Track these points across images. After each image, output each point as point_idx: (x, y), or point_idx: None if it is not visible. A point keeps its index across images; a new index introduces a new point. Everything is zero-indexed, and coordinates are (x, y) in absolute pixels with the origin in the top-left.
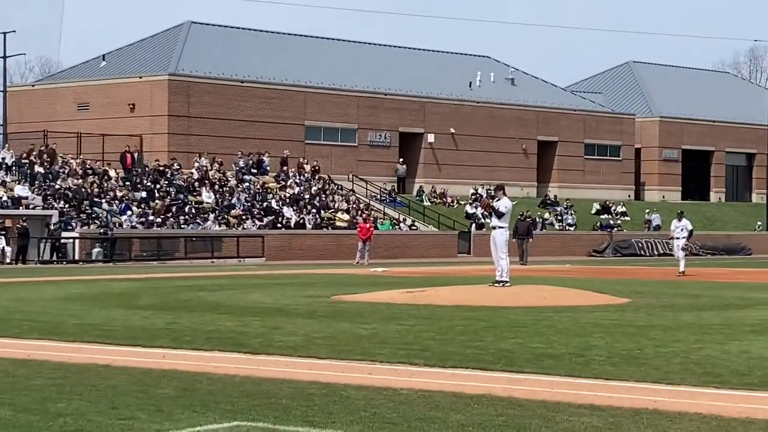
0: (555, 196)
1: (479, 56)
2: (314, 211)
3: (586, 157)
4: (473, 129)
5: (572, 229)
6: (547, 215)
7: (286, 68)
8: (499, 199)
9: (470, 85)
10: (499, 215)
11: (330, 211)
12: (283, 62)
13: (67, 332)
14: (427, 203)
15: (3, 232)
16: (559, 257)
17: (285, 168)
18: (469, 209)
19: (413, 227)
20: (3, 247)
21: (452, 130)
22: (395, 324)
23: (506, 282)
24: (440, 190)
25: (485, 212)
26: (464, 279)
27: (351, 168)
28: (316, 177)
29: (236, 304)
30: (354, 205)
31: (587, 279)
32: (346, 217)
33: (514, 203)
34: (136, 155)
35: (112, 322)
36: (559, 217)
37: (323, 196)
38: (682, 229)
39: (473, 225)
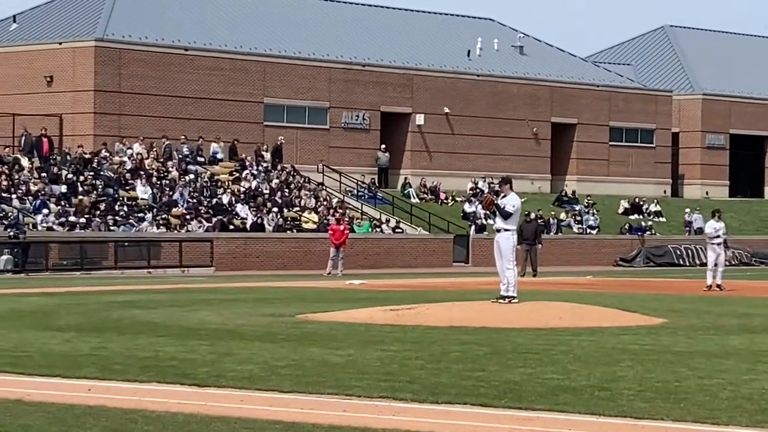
0: (573, 191)
1: (481, 18)
2: (275, 209)
3: (611, 143)
4: (472, 108)
5: (594, 232)
6: (563, 215)
7: (240, 33)
8: (504, 196)
9: (469, 54)
10: (506, 215)
11: (295, 209)
12: (237, 26)
13: None
14: (414, 200)
15: None
16: (577, 267)
17: (239, 156)
18: (468, 208)
19: (398, 230)
20: None
21: (446, 110)
22: (376, 350)
23: (513, 298)
24: (431, 183)
25: (487, 212)
26: (461, 294)
27: (321, 156)
28: (278, 167)
29: (179, 324)
30: (325, 203)
31: (613, 294)
32: (315, 217)
33: (522, 200)
34: (54, 140)
35: (25, 346)
36: (578, 218)
37: (286, 191)
38: (718, 232)
39: (472, 227)
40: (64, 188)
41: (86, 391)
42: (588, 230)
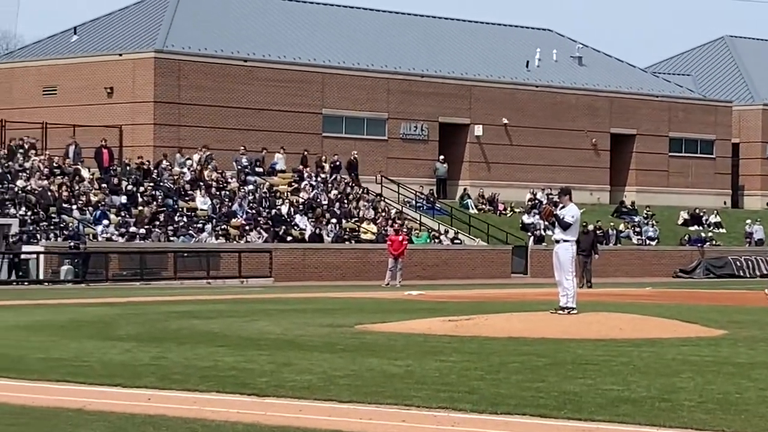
0: (632, 202)
1: (539, 29)
2: (334, 220)
3: (671, 154)
4: (531, 119)
5: (653, 243)
6: (622, 226)
7: (300, 44)
8: (563, 206)
9: (527, 65)
10: (565, 226)
11: (354, 220)
12: (296, 37)
13: (30, 369)
14: (473, 211)
15: None
16: (636, 278)
17: (299, 168)
18: (526, 219)
19: (456, 240)
20: None
21: (505, 121)
22: (435, 360)
23: (572, 309)
24: (490, 194)
25: (546, 222)
26: (520, 305)
27: (380, 167)
28: (337, 178)
29: (238, 334)
30: (383, 214)
31: (673, 305)
32: (373, 228)
33: (582, 211)
34: (114, 151)
35: (86, 356)
36: (638, 229)
37: (345, 202)
38: None
39: (531, 238)
40: (124, 199)
41: (146, 401)
42: (647, 241)
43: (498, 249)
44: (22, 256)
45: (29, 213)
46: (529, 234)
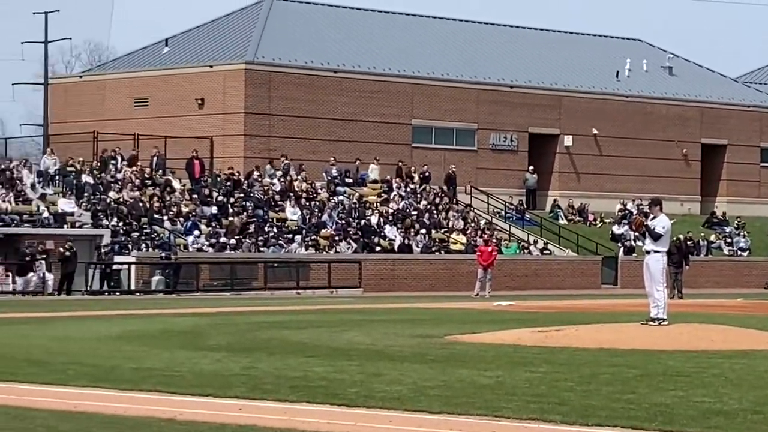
0: (723, 213)
1: (629, 39)
2: (423, 231)
3: (762, 164)
4: (621, 129)
5: (745, 254)
6: (713, 237)
7: (389, 55)
8: (654, 217)
9: (617, 75)
10: (656, 237)
11: (443, 230)
12: (385, 48)
13: (122, 378)
14: (563, 221)
15: (44, 256)
16: (727, 289)
17: (388, 178)
18: (616, 229)
19: (546, 251)
20: (44, 274)
21: (595, 131)
22: (524, 371)
23: (663, 320)
24: (579, 204)
25: (637, 233)
26: (610, 315)
27: (469, 178)
28: (426, 189)
29: (328, 345)
30: (473, 224)
31: (764, 317)
32: (462, 238)
33: (672, 222)
34: (205, 162)
35: (177, 366)
36: (729, 240)
37: (434, 212)
38: None
39: (621, 249)
40: (214, 209)
41: (237, 411)
42: (738, 252)
43: (588, 259)
44: (114, 267)
45: (121, 224)
46: (620, 244)
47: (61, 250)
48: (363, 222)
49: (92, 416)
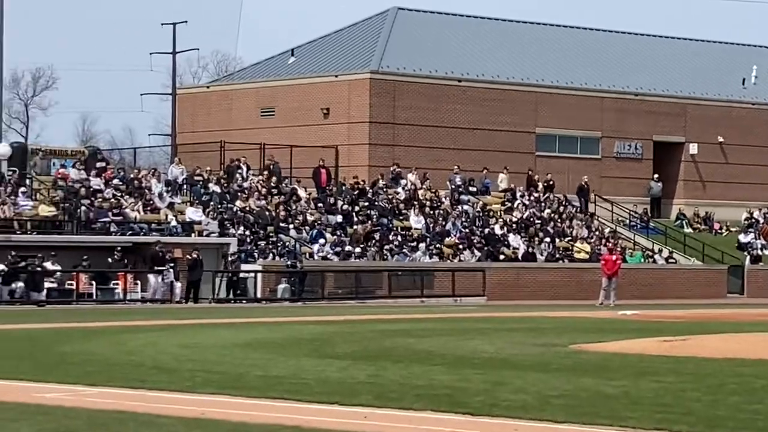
0: None
1: (756, 46)
2: (547, 239)
3: None
4: (748, 137)
5: None
6: None
7: (513, 64)
8: None
9: (744, 83)
10: None
11: (567, 239)
12: (509, 56)
13: (249, 386)
14: (688, 230)
15: (172, 264)
16: None
17: (513, 186)
18: (743, 238)
19: (671, 260)
20: (172, 282)
21: (721, 139)
22: (650, 381)
23: None
24: (705, 213)
25: (765, 241)
26: (736, 325)
27: (593, 186)
28: (550, 197)
29: (452, 353)
30: (597, 233)
31: None
32: (586, 247)
33: None
34: (330, 171)
35: (303, 373)
36: None
37: (558, 220)
38: None
39: (747, 258)
40: (339, 218)
41: (362, 419)
42: None
43: (713, 268)
44: (241, 275)
45: (247, 232)
46: (746, 253)
47: (188, 257)
48: (487, 230)
49: (219, 423)
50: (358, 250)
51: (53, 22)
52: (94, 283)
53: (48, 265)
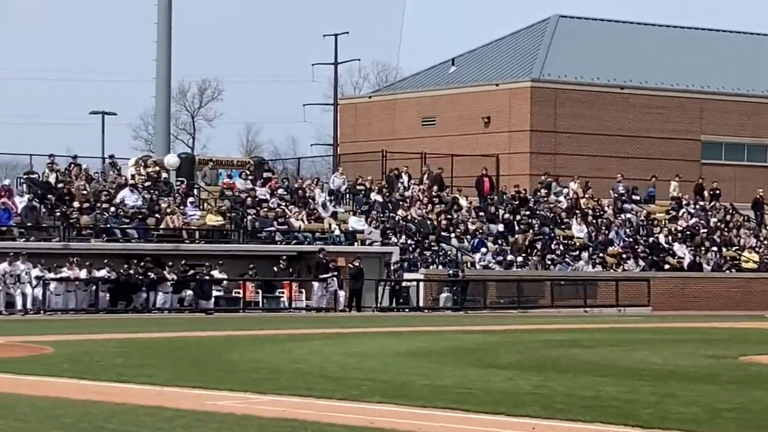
0: None
1: None
2: (714, 248)
3: None
4: None
5: None
6: None
7: (677, 70)
8: None
9: None
10: None
11: (734, 248)
12: (673, 62)
13: (415, 395)
14: None
15: (335, 273)
16: None
17: (679, 195)
18: None
19: None
20: (335, 291)
21: None
22: None
23: None
24: None
25: None
26: None
27: (761, 194)
28: (716, 205)
29: (618, 364)
30: (765, 242)
31: None
32: (755, 256)
33: None
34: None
35: (469, 383)
36: None
37: (725, 229)
38: None
39: None
40: (501, 227)
41: (530, 430)
42: None
43: None
44: (403, 284)
45: (409, 241)
46: None
47: (350, 266)
48: (651, 240)
49: None
50: (520, 259)
51: (219, 34)
52: (260, 291)
53: (215, 273)
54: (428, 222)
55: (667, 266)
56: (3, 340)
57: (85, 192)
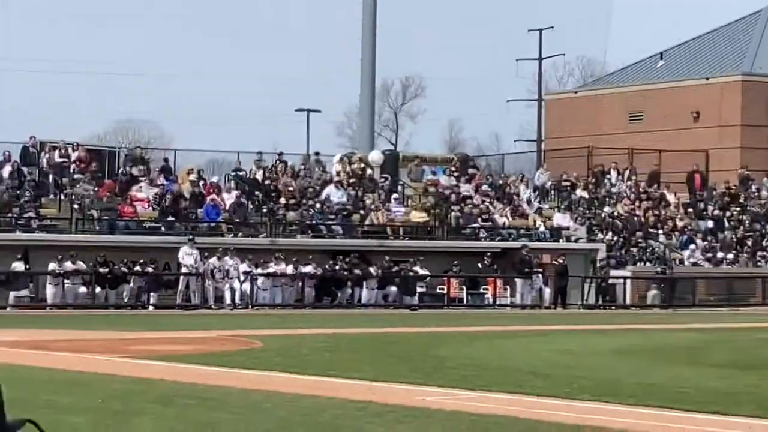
0: None
1: None
2: None
3: None
4: None
5: None
6: None
7: None
8: None
9: None
10: None
11: None
12: None
13: (625, 393)
14: None
15: (540, 270)
16: None
17: None
18: None
19: None
20: (541, 288)
21: None
22: None
23: None
24: None
25: None
26: None
27: None
28: None
29: None
30: None
31: None
32: None
33: None
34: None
35: (681, 382)
36: None
37: None
38: None
39: None
40: (710, 224)
41: (746, 430)
42: None
43: None
44: (610, 281)
45: (616, 238)
46: None
47: (556, 263)
48: None
49: (597, 430)
50: (730, 256)
51: (422, 31)
52: (464, 288)
53: (418, 269)
54: (635, 218)
55: None
56: (214, 334)
57: (291, 188)
